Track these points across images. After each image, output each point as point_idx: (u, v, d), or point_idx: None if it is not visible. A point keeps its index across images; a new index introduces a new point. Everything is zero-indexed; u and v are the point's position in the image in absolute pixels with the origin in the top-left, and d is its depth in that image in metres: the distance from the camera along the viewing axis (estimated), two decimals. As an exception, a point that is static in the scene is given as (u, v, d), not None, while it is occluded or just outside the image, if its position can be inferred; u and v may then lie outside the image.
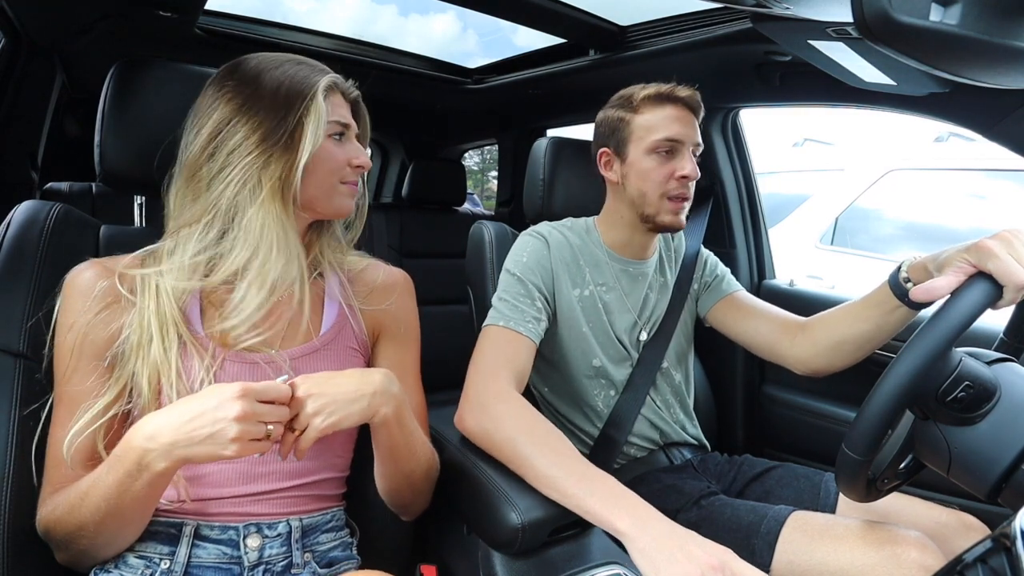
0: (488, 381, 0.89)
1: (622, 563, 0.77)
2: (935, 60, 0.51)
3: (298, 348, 0.78)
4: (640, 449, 1.14)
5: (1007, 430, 0.65)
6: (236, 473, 0.73)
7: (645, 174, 1.05)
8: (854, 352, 1.00)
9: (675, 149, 1.04)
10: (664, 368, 1.16)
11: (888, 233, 3.05)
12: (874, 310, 0.94)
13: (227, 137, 0.72)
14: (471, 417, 0.87)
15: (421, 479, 0.80)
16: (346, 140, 0.79)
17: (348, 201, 0.80)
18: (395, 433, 0.73)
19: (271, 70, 0.75)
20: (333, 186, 0.78)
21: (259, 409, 0.60)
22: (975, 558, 0.52)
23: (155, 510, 0.71)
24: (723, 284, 1.22)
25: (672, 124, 1.04)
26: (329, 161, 0.76)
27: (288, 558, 0.74)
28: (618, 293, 1.12)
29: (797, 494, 1.05)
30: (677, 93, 1.05)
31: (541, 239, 1.08)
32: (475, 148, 3.04)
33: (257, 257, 0.72)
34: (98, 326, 0.71)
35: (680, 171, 1.03)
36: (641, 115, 1.06)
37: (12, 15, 1.19)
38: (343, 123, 0.78)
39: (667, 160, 1.05)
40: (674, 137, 1.04)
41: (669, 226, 1.07)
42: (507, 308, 0.99)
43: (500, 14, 1.35)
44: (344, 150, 0.78)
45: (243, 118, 0.72)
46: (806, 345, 1.05)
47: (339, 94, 0.79)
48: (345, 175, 0.78)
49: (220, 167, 0.72)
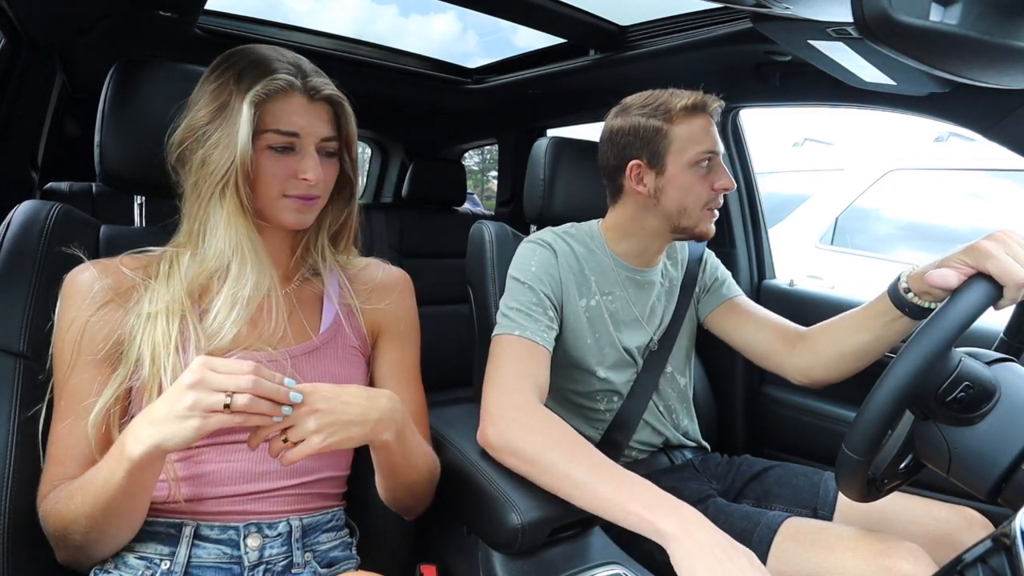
0: (511, 394, 0.86)
1: (622, 563, 0.77)
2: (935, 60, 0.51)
3: (298, 347, 0.78)
4: (640, 452, 1.13)
5: (1007, 430, 0.65)
6: (236, 472, 0.73)
7: (688, 188, 1.02)
8: (854, 363, 0.99)
9: (713, 160, 1.03)
10: (668, 373, 1.15)
11: (888, 233, 3.05)
12: (874, 320, 0.93)
13: (193, 146, 0.73)
14: (496, 432, 0.83)
15: (422, 486, 0.80)
16: (297, 150, 0.73)
17: (291, 216, 0.76)
18: (395, 454, 0.72)
19: (226, 68, 0.73)
20: (273, 200, 0.74)
21: (211, 376, 0.57)
22: (975, 558, 0.52)
23: (154, 510, 0.71)
24: (723, 288, 1.19)
25: (707, 137, 1.02)
26: (264, 173, 0.73)
27: (288, 558, 0.74)
28: (625, 302, 1.10)
29: (796, 493, 1.05)
30: (709, 103, 1.03)
31: (548, 248, 1.05)
32: (475, 148, 3.04)
33: (229, 273, 0.73)
34: (97, 324, 0.71)
35: (720, 183, 1.02)
36: (679, 126, 1.02)
37: (12, 15, 1.19)
38: (285, 131, 0.72)
39: (707, 173, 1.03)
40: (713, 149, 1.02)
41: (705, 234, 1.05)
42: (522, 317, 0.96)
43: (500, 14, 1.35)
44: (285, 162, 0.73)
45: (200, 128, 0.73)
46: (805, 355, 1.04)
47: (296, 96, 0.72)
48: (287, 188, 0.74)
49: (193, 180, 0.74)
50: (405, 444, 0.73)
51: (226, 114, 0.71)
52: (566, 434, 0.81)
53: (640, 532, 0.72)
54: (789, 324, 1.10)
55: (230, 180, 0.71)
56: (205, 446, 0.72)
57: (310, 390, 0.63)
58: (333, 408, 0.64)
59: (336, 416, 0.64)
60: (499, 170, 2.53)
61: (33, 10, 1.19)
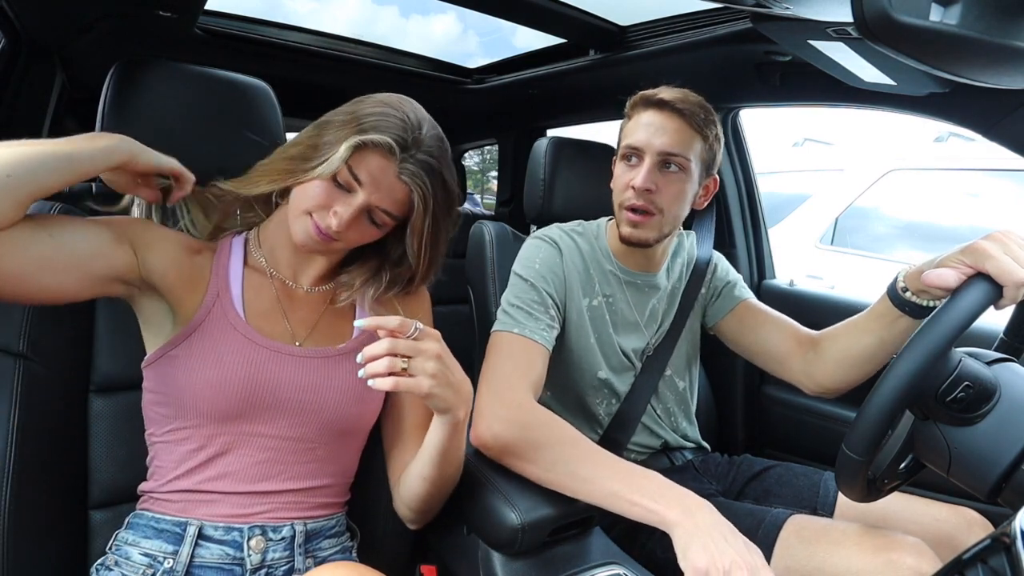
0: (505, 392, 0.85)
1: (622, 563, 0.77)
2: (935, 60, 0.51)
3: (330, 348, 0.80)
4: (640, 454, 1.13)
5: (1007, 430, 0.65)
6: (243, 474, 0.73)
7: (614, 181, 1.03)
8: (861, 367, 0.97)
9: (639, 157, 0.99)
10: (667, 376, 1.14)
11: (888, 233, 3.04)
12: (876, 323, 0.93)
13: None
14: (490, 434, 0.82)
15: (454, 483, 0.81)
16: (351, 194, 0.74)
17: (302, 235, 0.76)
18: (458, 436, 0.73)
19: (354, 107, 0.76)
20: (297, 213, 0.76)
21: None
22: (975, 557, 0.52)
23: (160, 508, 0.72)
24: (735, 291, 1.15)
25: (638, 131, 0.99)
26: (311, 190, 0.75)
27: (290, 563, 0.75)
28: (625, 304, 1.09)
29: (796, 492, 1.05)
30: (659, 96, 0.98)
31: (554, 245, 1.04)
32: (475, 148, 3.04)
33: None
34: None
35: (632, 181, 0.98)
36: (631, 119, 1.02)
37: (12, 15, 1.19)
38: (354, 174, 0.72)
39: (629, 169, 1.00)
40: (635, 145, 0.99)
41: (625, 238, 1.01)
42: (521, 315, 0.95)
43: (500, 14, 1.35)
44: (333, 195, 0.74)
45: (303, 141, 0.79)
46: (817, 363, 1.01)
47: (388, 160, 0.72)
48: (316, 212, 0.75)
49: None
50: (463, 431, 0.74)
51: (329, 130, 0.73)
52: (565, 431, 0.81)
53: (647, 523, 0.72)
54: (802, 329, 1.07)
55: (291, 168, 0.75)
56: (224, 436, 0.73)
57: (435, 335, 0.67)
58: (450, 366, 0.67)
59: (448, 374, 0.66)
60: (499, 170, 2.53)
61: (33, 10, 1.19)
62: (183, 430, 0.73)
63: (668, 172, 0.98)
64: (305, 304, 0.82)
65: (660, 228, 1.00)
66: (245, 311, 0.77)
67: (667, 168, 0.98)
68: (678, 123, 0.97)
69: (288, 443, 0.75)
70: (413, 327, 0.64)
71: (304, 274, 0.83)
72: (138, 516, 0.74)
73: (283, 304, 0.80)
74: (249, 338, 0.75)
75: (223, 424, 0.73)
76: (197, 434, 0.73)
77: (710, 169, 1.03)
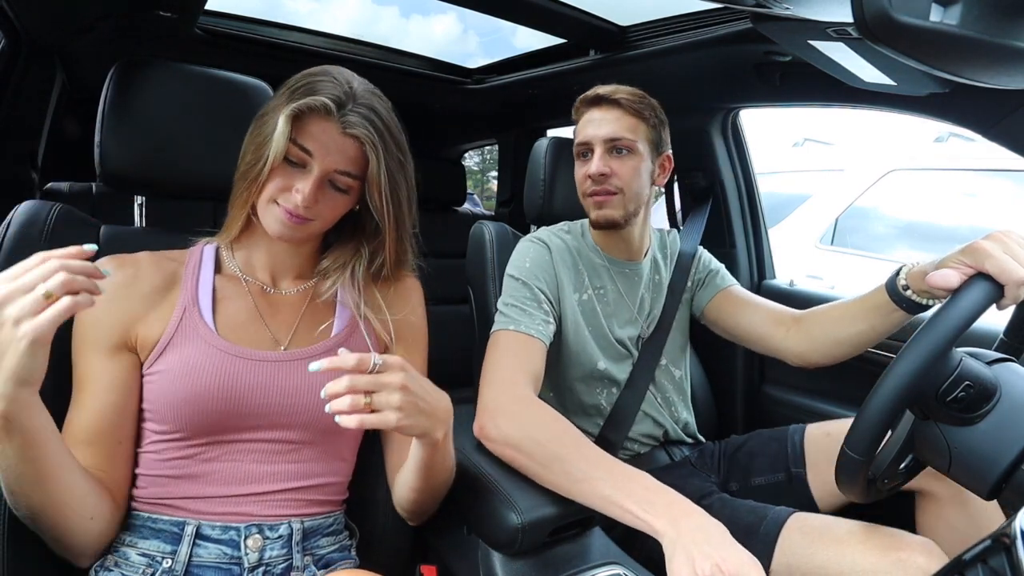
0: (506, 388, 0.87)
1: (622, 563, 0.77)
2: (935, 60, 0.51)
3: (310, 348, 0.79)
4: (643, 445, 1.15)
5: (1007, 430, 0.65)
6: (239, 473, 0.73)
7: (576, 180, 1.12)
8: (850, 350, 1.03)
9: (590, 150, 1.08)
10: (663, 365, 1.18)
11: (888, 233, 3.04)
12: (871, 312, 0.96)
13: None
14: (493, 425, 0.84)
15: (444, 489, 0.81)
16: (307, 169, 0.73)
17: (275, 225, 0.75)
18: (439, 453, 0.72)
19: (289, 83, 0.76)
20: (266, 203, 0.76)
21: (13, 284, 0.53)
22: (975, 557, 0.52)
23: (158, 508, 0.72)
24: (717, 279, 1.23)
25: (585, 128, 1.08)
26: (271, 177, 0.74)
27: (288, 560, 0.74)
28: (615, 295, 1.13)
29: (772, 459, 1.11)
30: (596, 93, 1.08)
31: (542, 244, 1.08)
32: (475, 148, 3.04)
33: None
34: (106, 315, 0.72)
35: (587, 170, 1.07)
36: (576, 124, 1.12)
37: (12, 15, 1.19)
38: (300, 145, 0.72)
39: (584, 164, 1.09)
40: (584, 141, 1.08)
41: (595, 222, 1.09)
42: (516, 312, 0.98)
43: (500, 14, 1.35)
44: (291, 175, 0.74)
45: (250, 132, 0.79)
46: (800, 338, 1.07)
47: (329, 121, 0.72)
48: (280, 197, 0.75)
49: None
50: (447, 445, 0.73)
51: (266, 120, 0.74)
52: (566, 429, 0.82)
53: (639, 529, 0.72)
54: (782, 308, 1.14)
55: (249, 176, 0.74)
56: (210, 445, 0.73)
57: (402, 365, 0.62)
58: (418, 393, 0.63)
59: (417, 401, 0.63)
60: (499, 170, 2.53)
61: (33, 10, 1.19)
62: (167, 443, 0.73)
63: (619, 156, 1.06)
64: (285, 306, 0.81)
65: (624, 205, 1.07)
66: (216, 322, 0.76)
67: (618, 153, 1.06)
68: (617, 112, 1.06)
69: (277, 445, 0.75)
70: (372, 362, 0.60)
71: (283, 275, 0.83)
72: (135, 517, 0.74)
73: (261, 310, 0.79)
74: (221, 349, 0.74)
75: (206, 435, 0.73)
76: (182, 446, 0.73)
77: (659, 148, 1.11)
